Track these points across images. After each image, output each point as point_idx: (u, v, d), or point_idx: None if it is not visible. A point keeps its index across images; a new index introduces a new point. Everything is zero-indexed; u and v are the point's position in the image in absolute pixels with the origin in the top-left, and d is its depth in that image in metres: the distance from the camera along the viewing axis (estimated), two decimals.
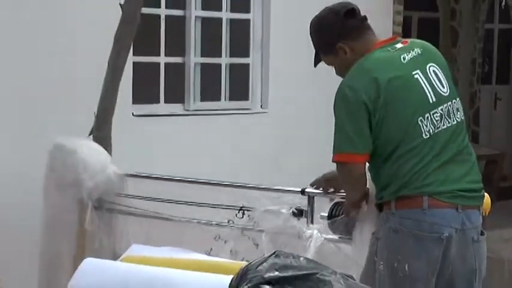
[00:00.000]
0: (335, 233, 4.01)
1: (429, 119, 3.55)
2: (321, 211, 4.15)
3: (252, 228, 4.38)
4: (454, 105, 3.64)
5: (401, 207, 3.54)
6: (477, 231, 3.61)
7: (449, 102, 3.62)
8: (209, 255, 4.26)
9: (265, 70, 7.26)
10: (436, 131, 3.55)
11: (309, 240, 4.04)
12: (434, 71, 3.64)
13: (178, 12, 6.79)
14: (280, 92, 7.27)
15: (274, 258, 2.41)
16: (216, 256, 4.18)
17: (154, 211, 4.82)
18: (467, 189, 3.57)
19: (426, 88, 3.58)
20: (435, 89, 3.60)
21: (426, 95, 3.57)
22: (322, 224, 4.10)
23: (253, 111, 7.25)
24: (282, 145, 7.20)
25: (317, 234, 4.05)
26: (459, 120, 3.65)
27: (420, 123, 3.53)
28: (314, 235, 4.04)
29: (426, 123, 3.54)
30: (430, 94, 3.58)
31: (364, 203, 3.79)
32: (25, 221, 5.24)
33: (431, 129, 3.55)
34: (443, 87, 3.64)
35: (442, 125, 3.57)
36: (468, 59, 10.75)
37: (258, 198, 4.44)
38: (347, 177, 3.69)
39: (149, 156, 6.07)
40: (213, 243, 4.54)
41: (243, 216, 4.46)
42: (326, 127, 4.47)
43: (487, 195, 3.74)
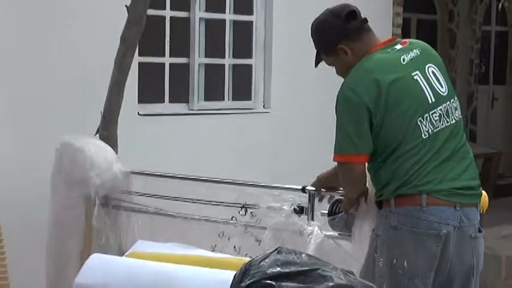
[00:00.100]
0: (335, 229, 4.01)
1: (428, 119, 3.55)
2: (321, 208, 4.16)
3: (255, 225, 4.39)
4: (453, 104, 3.65)
5: (400, 205, 3.55)
6: (475, 228, 3.61)
7: (448, 102, 3.62)
8: (213, 251, 4.26)
9: (268, 71, 7.25)
10: (435, 130, 3.55)
11: (309, 236, 4.05)
12: (433, 71, 3.64)
13: (182, 14, 6.78)
14: (282, 92, 7.27)
15: (276, 255, 2.42)
16: (220, 252, 4.18)
17: (159, 208, 4.82)
18: (465, 187, 3.57)
19: (425, 89, 3.58)
20: (434, 89, 3.60)
21: (425, 95, 3.57)
22: (322, 221, 4.11)
23: (256, 110, 7.24)
24: (283, 144, 7.20)
25: (317, 231, 4.05)
26: (457, 119, 3.65)
27: (420, 123, 3.53)
28: (315, 232, 4.05)
29: (425, 124, 3.54)
30: (429, 94, 3.58)
31: (363, 200, 3.80)
32: (33, 217, 5.24)
33: (431, 129, 3.54)
34: (442, 87, 3.63)
35: (440, 125, 3.57)
36: (466, 60, 10.76)
37: (260, 196, 4.44)
38: (347, 176, 3.69)
39: (154, 154, 6.07)
40: (217, 239, 4.54)
41: (245, 214, 4.47)
42: (327, 126, 4.47)
43: (484, 193, 3.74)
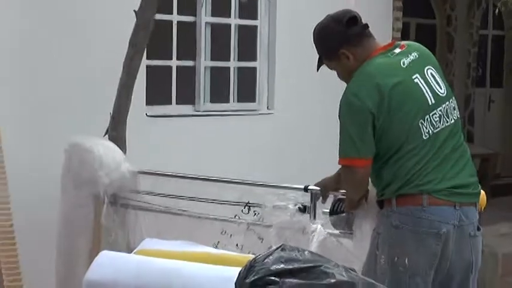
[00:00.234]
0: (337, 228, 4.01)
1: (429, 120, 3.54)
2: (323, 207, 4.15)
3: (259, 223, 4.38)
4: (451, 104, 3.64)
5: (401, 204, 3.53)
6: (474, 227, 3.60)
7: (447, 102, 3.62)
8: (216, 248, 4.25)
9: (272, 73, 7.25)
10: (435, 131, 3.54)
11: (312, 234, 4.04)
12: (431, 73, 3.63)
13: (189, 19, 6.78)
14: (286, 94, 7.27)
15: (280, 252, 2.41)
16: (223, 249, 4.18)
17: (166, 206, 4.82)
18: (464, 185, 3.57)
19: (425, 91, 3.57)
20: (433, 90, 3.59)
21: (426, 97, 3.56)
22: (324, 219, 4.11)
23: (260, 112, 7.24)
24: (286, 144, 7.19)
25: (320, 229, 4.04)
26: (456, 118, 3.64)
27: (421, 125, 3.52)
28: (318, 230, 4.04)
29: (426, 125, 3.53)
30: (429, 96, 3.57)
31: (364, 200, 3.79)
32: (43, 217, 5.24)
33: (431, 130, 3.54)
34: (441, 88, 3.63)
35: (441, 125, 3.56)
36: (463, 63, 10.74)
37: (263, 195, 4.44)
38: (350, 179, 3.68)
39: (161, 154, 6.06)
40: (219, 237, 4.54)
41: (248, 212, 4.46)
42: (329, 127, 4.47)
43: (483, 192, 3.73)
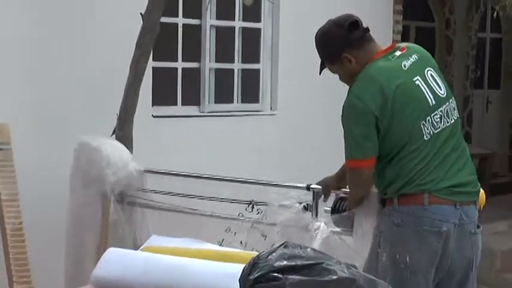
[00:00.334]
0: (338, 226, 4.01)
1: (430, 121, 3.55)
2: (325, 205, 4.16)
3: (262, 221, 4.38)
4: (451, 105, 3.65)
5: (403, 203, 3.54)
6: (474, 225, 3.61)
7: (447, 103, 3.62)
8: (221, 245, 4.26)
9: (275, 75, 7.25)
10: (435, 131, 3.55)
11: (315, 232, 4.04)
12: (431, 75, 3.64)
13: (194, 22, 6.78)
14: (288, 95, 7.27)
15: (283, 249, 2.41)
16: (227, 247, 4.18)
17: (172, 204, 4.83)
18: (464, 183, 3.58)
19: (426, 92, 3.58)
20: (434, 92, 3.60)
21: (427, 99, 3.56)
22: (326, 217, 4.11)
23: (263, 113, 7.24)
24: (289, 144, 7.19)
25: (323, 227, 4.05)
26: (455, 118, 3.65)
27: (422, 126, 3.53)
28: (320, 228, 4.05)
29: (427, 126, 3.54)
30: (430, 98, 3.57)
31: (366, 197, 3.79)
32: (52, 214, 5.25)
33: (432, 131, 3.55)
34: (441, 89, 3.63)
35: (441, 125, 3.57)
36: (462, 66, 10.73)
37: (267, 193, 4.44)
38: (356, 180, 3.69)
39: (167, 154, 6.07)
40: (224, 234, 4.54)
41: (252, 210, 4.47)
42: (330, 128, 4.48)
43: (482, 191, 3.74)
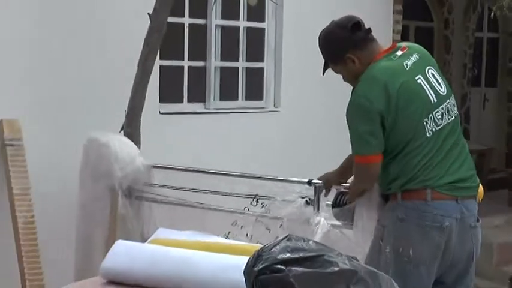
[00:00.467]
0: (339, 220, 4.01)
1: (432, 118, 3.55)
2: (326, 200, 4.16)
3: (266, 215, 4.39)
4: (451, 102, 3.65)
5: (407, 198, 3.55)
6: (474, 218, 3.63)
7: (448, 100, 3.63)
8: (227, 238, 4.26)
9: (278, 73, 7.25)
10: (437, 128, 3.56)
11: (316, 226, 4.05)
12: (432, 73, 3.64)
13: (200, 21, 6.78)
14: (292, 93, 7.27)
15: (286, 242, 2.41)
16: (233, 239, 4.19)
17: (178, 198, 4.83)
18: (464, 178, 3.59)
19: (428, 91, 3.58)
20: (435, 90, 3.60)
21: (429, 97, 3.57)
22: (327, 211, 4.11)
23: (267, 110, 7.23)
24: (292, 140, 7.19)
25: (324, 220, 4.05)
26: (456, 115, 3.66)
27: (425, 123, 3.53)
28: (321, 222, 4.05)
29: (430, 123, 3.54)
30: (431, 96, 3.58)
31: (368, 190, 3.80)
32: (62, 208, 5.26)
33: (434, 128, 3.55)
34: (442, 87, 3.63)
35: (443, 122, 3.58)
36: (460, 64, 10.73)
37: (270, 188, 4.44)
38: (363, 174, 3.69)
39: (173, 149, 6.07)
40: (230, 228, 4.55)
41: (256, 204, 4.47)
42: (331, 124, 4.48)
43: (481, 185, 3.75)
